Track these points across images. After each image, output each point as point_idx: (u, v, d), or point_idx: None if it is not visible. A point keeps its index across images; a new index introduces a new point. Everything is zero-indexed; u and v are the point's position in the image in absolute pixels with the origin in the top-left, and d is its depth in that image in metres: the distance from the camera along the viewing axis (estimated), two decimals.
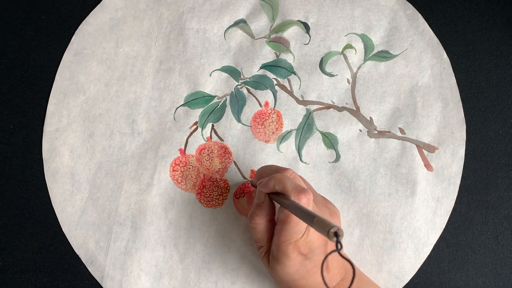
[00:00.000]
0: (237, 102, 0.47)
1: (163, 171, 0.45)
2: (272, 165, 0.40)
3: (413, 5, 0.48)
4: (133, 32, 0.48)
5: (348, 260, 0.26)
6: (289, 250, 0.34)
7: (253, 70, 0.47)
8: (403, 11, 0.48)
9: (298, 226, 0.33)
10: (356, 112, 0.46)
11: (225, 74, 0.47)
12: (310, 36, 0.48)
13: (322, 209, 0.37)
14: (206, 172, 0.45)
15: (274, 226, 0.37)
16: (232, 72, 0.47)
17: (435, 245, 0.43)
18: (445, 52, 0.47)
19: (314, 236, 0.34)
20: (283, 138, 0.46)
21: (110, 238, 0.44)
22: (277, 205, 0.36)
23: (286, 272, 0.35)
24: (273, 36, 0.48)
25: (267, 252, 0.37)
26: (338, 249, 0.25)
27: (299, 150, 0.45)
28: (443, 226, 0.44)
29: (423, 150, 0.45)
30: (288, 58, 0.47)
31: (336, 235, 0.25)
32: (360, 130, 0.46)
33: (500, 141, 0.45)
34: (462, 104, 0.46)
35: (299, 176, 0.38)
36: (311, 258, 0.34)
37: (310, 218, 0.28)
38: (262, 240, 0.37)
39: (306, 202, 0.33)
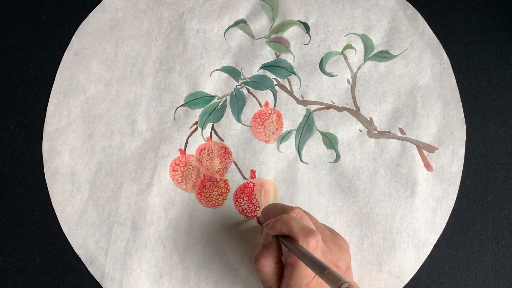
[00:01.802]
0: (237, 102, 0.47)
1: (163, 171, 0.45)
2: (278, 204, 0.39)
3: (413, 5, 0.48)
4: (133, 32, 0.48)
5: None
6: None
7: (253, 70, 0.47)
8: (403, 11, 0.48)
9: (308, 269, 0.33)
10: (356, 112, 0.46)
11: (225, 74, 0.47)
12: (310, 36, 0.48)
13: (331, 246, 0.36)
14: (206, 172, 0.45)
15: (282, 267, 0.36)
16: (232, 72, 0.47)
17: (435, 245, 0.43)
18: (445, 52, 0.47)
19: None
20: (283, 138, 0.46)
21: (110, 238, 0.44)
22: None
23: None
24: (273, 36, 0.48)
25: None
26: None
27: (299, 150, 0.45)
28: (443, 226, 0.44)
29: (423, 150, 0.45)
30: (288, 58, 0.47)
31: None
32: (360, 130, 0.46)
33: (500, 141, 0.45)
34: (462, 104, 0.46)
35: (307, 213, 0.37)
36: None
37: (319, 269, 0.27)
38: (270, 282, 0.36)
39: (315, 244, 0.32)
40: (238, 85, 0.47)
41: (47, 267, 0.44)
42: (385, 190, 0.44)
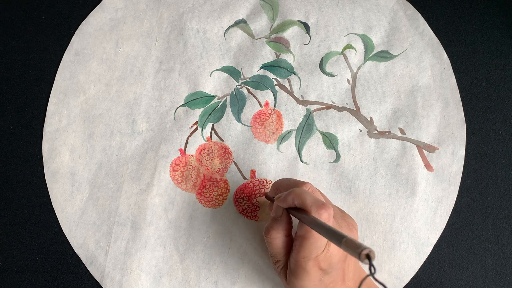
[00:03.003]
0: (237, 102, 0.47)
1: (163, 171, 0.45)
2: (290, 179, 0.39)
3: (413, 5, 0.48)
4: (133, 32, 0.48)
5: (383, 284, 0.24)
6: (308, 266, 0.33)
7: (253, 70, 0.47)
8: (403, 11, 0.48)
9: (318, 241, 0.33)
10: (356, 112, 0.46)
11: (225, 74, 0.47)
12: (310, 36, 0.48)
13: (340, 223, 0.36)
14: (206, 172, 0.45)
15: (291, 240, 0.36)
16: (232, 72, 0.47)
17: (435, 245, 0.43)
18: (445, 52, 0.47)
19: (335, 251, 0.33)
20: (283, 138, 0.46)
21: (110, 238, 0.44)
22: (295, 220, 0.36)
23: (305, 287, 0.34)
24: (273, 36, 0.48)
25: (284, 267, 0.37)
26: (372, 273, 0.24)
27: (299, 150, 0.45)
28: (443, 226, 0.44)
29: (423, 150, 0.45)
30: (288, 58, 0.47)
31: (369, 258, 0.23)
32: (360, 130, 0.46)
33: (500, 141, 0.45)
34: (462, 104, 0.46)
35: (318, 190, 0.37)
36: (330, 273, 0.34)
37: (337, 237, 0.26)
38: (279, 255, 0.37)
39: (327, 217, 0.32)
40: (238, 85, 0.47)
41: (47, 267, 0.44)
42: (385, 190, 0.44)
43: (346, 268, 0.35)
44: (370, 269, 0.23)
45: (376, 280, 0.24)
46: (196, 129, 0.46)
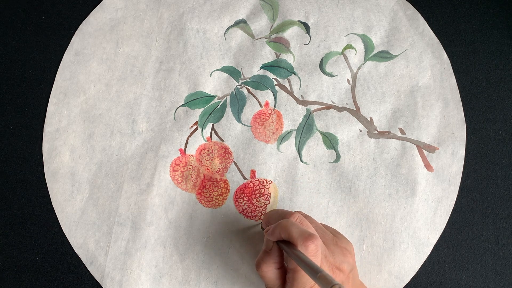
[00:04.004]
0: (237, 102, 0.47)
1: (163, 171, 0.45)
2: (279, 210, 0.39)
3: (413, 5, 0.48)
4: (133, 32, 0.48)
5: None
6: None
7: (253, 70, 0.47)
8: (403, 11, 0.48)
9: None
10: (356, 112, 0.46)
11: (225, 74, 0.47)
12: (310, 36, 0.48)
13: (333, 249, 0.36)
14: (206, 172, 0.45)
15: (284, 271, 0.36)
16: (232, 72, 0.47)
17: (435, 245, 0.43)
18: (445, 52, 0.47)
19: None
20: (283, 138, 0.46)
21: (110, 238, 0.44)
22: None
23: None
24: (273, 36, 0.48)
25: None
26: None
27: (299, 150, 0.45)
28: (443, 226, 0.44)
29: (423, 151, 0.45)
30: (288, 58, 0.47)
31: None
32: (360, 130, 0.46)
33: (500, 141, 0.45)
34: (462, 104, 0.46)
35: (308, 216, 0.36)
36: None
37: (313, 272, 0.27)
38: (274, 286, 0.36)
39: (314, 248, 0.32)
40: (238, 85, 0.47)
41: (47, 267, 0.44)
42: (385, 190, 0.44)
43: None
44: None
45: None
46: (196, 129, 0.46)
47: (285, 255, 0.36)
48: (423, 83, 0.46)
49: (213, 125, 0.46)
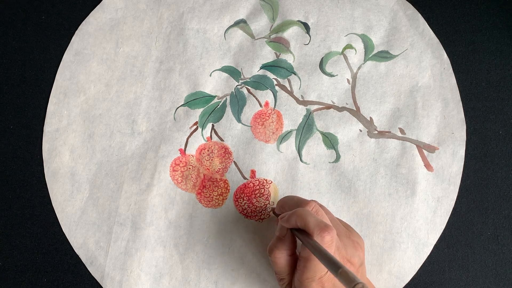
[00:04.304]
0: (237, 102, 0.47)
1: (163, 171, 0.45)
2: (294, 197, 0.39)
3: (413, 5, 0.48)
4: (133, 32, 0.48)
5: None
6: (312, 287, 0.33)
7: (253, 70, 0.47)
8: (403, 11, 0.48)
9: (321, 263, 0.32)
10: (356, 112, 0.46)
11: (225, 74, 0.47)
12: (310, 36, 0.48)
13: (345, 242, 0.36)
14: (206, 172, 0.45)
15: (295, 259, 0.36)
16: (232, 72, 0.47)
17: (435, 245, 0.43)
18: (445, 52, 0.47)
19: None
20: (283, 138, 0.46)
21: (110, 238, 0.44)
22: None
23: None
24: (273, 36, 0.48)
25: (289, 284, 0.36)
26: None
27: (299, 150, 0.45)
28: (443, 226, 0.44)
29: (423, 150, 0.45)
30: (288, 58, 0.47)
31: None
32: (360, 130, 0.46)
33: (500, 141, 0.45)
34: (462, 104, 0.46)
35: (322, 206, 0.36)
36: None
37: (334, 267, 0.27)
38: (283, 273, 0.36)
39: (330, 240, 0.32)
40: (238, 85, 0.47)
41: (47, 267, 0.44)
42: (385, 190, 0.44)
43: None
44: None
45: None
46: (196, 129, 0.46)
47: (298, 243, 0.36)
48: (423, 83, 0.46)
49: (213, 125, 0.46)
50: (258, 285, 0.43)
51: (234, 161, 0.45)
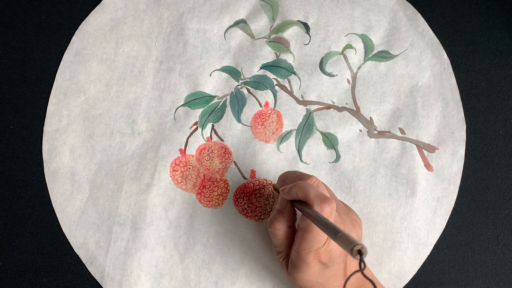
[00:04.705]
0: (237, 102, 0.47)
1: (163, 171, 0.45)
2: (296, 171, 0.39)
3: (413, 5, 0.48)
4: (133, 32, 0.48)
5: (371, 281, 0.25)
6: (309, 258, 0.34)
7: (253, 70, 0.47)
8: (403, 11, 0.48)
9: (319, 235, 0.33)
10: (356, 112, 0.46)
11: (225, 74, 0.47)
12: (310, 36, 0.48)
13: (344, 218, 0.37)
14: (206, 172, 0.45)
15: (294, 232, 0.37)
16: (232, 72, 0.47)
17: (435, 245, 0.43)
18: (445, 52, 0.47)
19: (335, 245, 0.34)
20: (283, 138, 0.46)
21: (110, 238, 0.44)
22: (299, 212, 0.36)
23: (305, 279, 0.35)
24: (273, 36, 0.48)
25: (286, 257, 0.37)
26: (361, 268, 0.24)
27: (299, 150, 0.45)
28: (443, 226, 0.44)
29: (423, 150, 0.45)
30: (288, 58, 0.47)
31: (360, 253, 0.24)
32: (360, 130, 0.46)
33: (500, 141, 0.45)
34: (462, 104, 0.46)
35: (323, 183, 0.37)
36: (330, 267, 0.34)
37: (333, 232, 0.27)
38: (281, 246, 0.37)
39: (329, 211, 0.32)
40: (238, 85, 0.47)
41: (47, 267, 0.44)
42: (385, 190, 0.44)
43: (348, 264, 0.35)
44: (360, 265, 0.24)
45: (365, 276, 0.25)
46: (196, 129, 0.46)
47: (297, 217, 0.37)
48: (423, 83, 0.46)
49: (213, 125, 0.46)
50: (258, 285, 0.43)
51: (234, 161, 0.45)
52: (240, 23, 0.48)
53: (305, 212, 0.33)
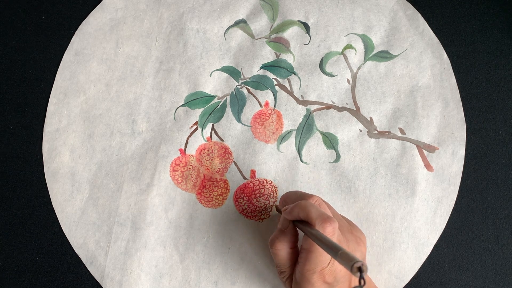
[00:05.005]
0: (237, 102, 0.47)
1: (163, 171, 0.45)
2: (297, 191, 0.39)
3: (413, 5, 0.48)
4: (133, 32, 0.48)
5: None
6: (313, 279, 0.33)
7: (253, 70, 0.47)
8: (403, 11, 0.48)
9: (323, 255, 0.33)
10: (356, 112, 0.46)
11: (225, 74, 0.47)
12: (310, 36, 0.48)
13: (347, 236, 0.36)
14: (206, 172, 0.45)
15: (296, 252, 0.36)
16: (232, 72, 0.47)
17: (435, 245, 0.43)
18: (445, 52, 0.47)
19: (340, 265, 0.33)
20: (283, 138, 0.46)
21: (110, 238, 0.44)
22: (301, 232, 0.36)
23: None
24: (273, 36, 0.48)
25: (290, 277, 0.37)
26: (361, 285, 0.24)
27: (299, 150, 0.45)
28: (443, 226, 0.44)
29: (423, 150, 0.45)
30: (288, 58, 0.47)
31: (360, 271, 0.24)
32: (360, 130, 0.46)
33: (500, 141, 0.45)
34: (462, 104, 0.46)
35: (325, 202, 0.37)
36: (335, 286, 0.34)
37: (334, 250, 0.27)
38: (284, 266, 0.37)
39: (331, 230, 0.32)
40: (238, 85, 0.47)
41: (47, 267, 0.44)
42: (385, 190, 0.44)
43: (353, 282, 0.35)
44: (360, 281, 0.24)
45: None
46: (196, 129, 0.46)
47: (300, 237, 0.36)
48: (423, 83, 0.46)
49: (213, 125, 0.46)
50: (258, 285, 0.43)
51: (234, 161, 0.45)
52: (240, 23, 0.48)
53: (307, 232, 0.33)
